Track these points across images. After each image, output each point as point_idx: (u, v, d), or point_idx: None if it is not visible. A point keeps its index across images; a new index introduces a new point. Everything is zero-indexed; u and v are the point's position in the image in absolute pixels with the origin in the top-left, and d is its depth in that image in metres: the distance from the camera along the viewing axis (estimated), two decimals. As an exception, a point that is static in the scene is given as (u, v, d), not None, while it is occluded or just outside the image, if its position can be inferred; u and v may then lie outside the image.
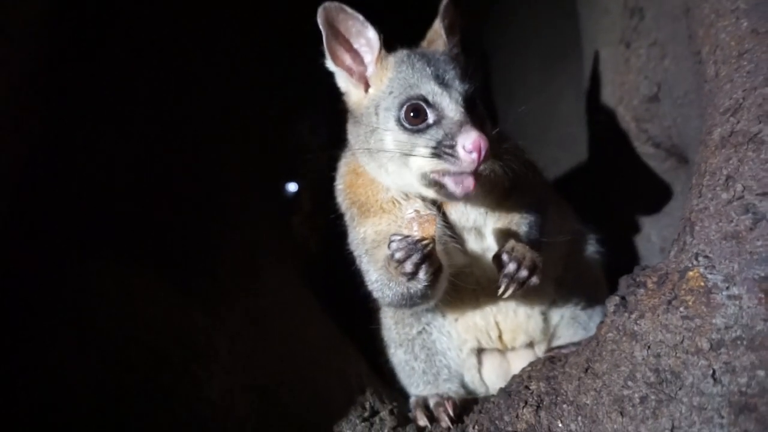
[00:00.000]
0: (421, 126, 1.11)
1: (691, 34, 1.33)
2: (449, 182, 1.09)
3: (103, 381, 1.10)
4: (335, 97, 1.34)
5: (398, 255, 1.05)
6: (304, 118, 2.56)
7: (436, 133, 1.09)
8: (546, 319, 1.38)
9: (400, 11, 1.69)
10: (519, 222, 1.28)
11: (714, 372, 0.82)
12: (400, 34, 1.28)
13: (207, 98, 1.69)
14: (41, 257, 1.23)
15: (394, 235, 1.08)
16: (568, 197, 2.48)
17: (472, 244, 1.29)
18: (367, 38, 1.21)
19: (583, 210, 1.73)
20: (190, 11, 1.66)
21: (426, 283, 1.08)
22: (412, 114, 1.12)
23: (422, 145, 1.09)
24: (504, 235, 1.26)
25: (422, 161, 1.10)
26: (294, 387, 1.23)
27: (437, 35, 1.29)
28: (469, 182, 1.07)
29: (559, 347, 1.36)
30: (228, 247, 1.49)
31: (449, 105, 1.10)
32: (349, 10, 1.16)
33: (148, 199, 1.44)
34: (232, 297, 1.37)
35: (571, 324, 1.40)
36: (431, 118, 1.11)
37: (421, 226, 1.06)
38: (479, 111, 1.17)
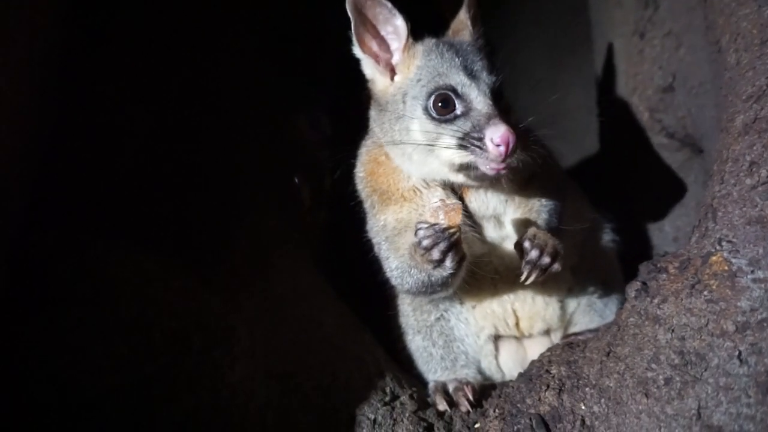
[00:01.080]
0: (449, 116, 1.12)
1: (709, 23, 1.34)
2: (481, 163, 1.09)
3: (127, 366, 1.11)
4: (338, 91, 1.34)
5: (426, 242, 1.06)
6: (304, 113, 2.56)
7: (463, 125, 1.10)
8: (563, 307, 1.39)
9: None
10: (539, 209, 1.29)
11: (740, 353, 0.83)
12: (425, 23, 1.29)
13: (215, 92, 1.70)
14: (64, 246, 1.24)
15: (421, 222, 1.10)
16: (584, 168, 2.50)
17: (491, 232, 1.30)
18: (394, 26, 1.21)
19: (595, 191, 1.75)
20: (191, 4, 1.66)
21: (451, 271, 1.09)
22: (440, 104, 1.13)
23: (449, 135, 1.10)
24: (523, 223, 1.27)
25: (449, 152, 1.11)
26: (313, 372, 1.23)
27: (463, 25, 1.30)
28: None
29: (576, 334, 1.37)
30: (243, 235, 1.50)
31: (477, 97, 1.11)
32: None
33: (166, 190, 1.45)
34: (249, 284, 1.38)
35: (587, 311, 1.41)
36: (459, 109, 1.12)
37: (447, 215, 1.07)
38: (505, 103, 1.18)
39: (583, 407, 1.00)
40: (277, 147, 1.99)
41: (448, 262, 1.07)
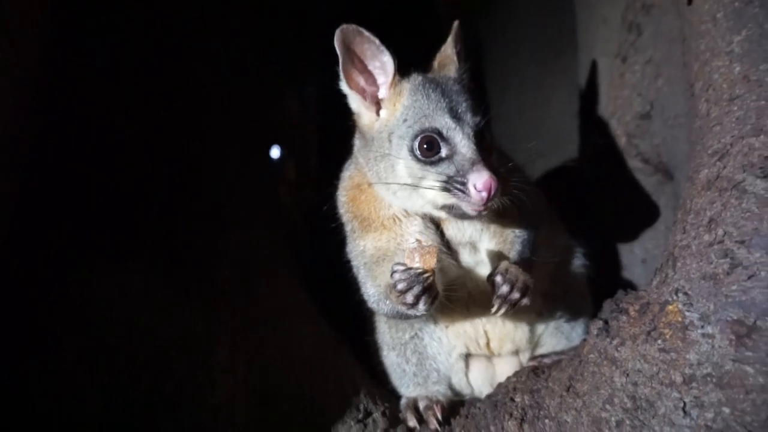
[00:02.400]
0: (433, 159, 1.15)
1: (686, 63, 1.38)
2: (463, 206, 1.14)
3: (108, 389, 1.15)
4: (326, 69, 1.32)
5: (400, 286, 1.11)
6: (292, 88, 2.56)
7: (447, 168, 1.14)
8: (531, 330, 1.45)
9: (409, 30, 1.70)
10: (513, 240, 1.34)
11: (685, 405, 0.90)
12: (409, 49, 1.30)
13: (203, 94, 1.69)
14: (44, 261, 1.26)
15: (397, 264, 1.14)
16: (554, 193, 2.54)
17: (467, 257, 1.35)
18: (382, 62, 1.23)
19: (568, 207, 1.81)
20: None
21: (424, 312, 1.14)
22: (425, 146, 1.16)
23: (433, 178, 1.14)
24: (497, 254, 1.32)
25: (433, 193, 1.15)
26: (292, 392, 1.29)
27: (449, 60, 1.32)
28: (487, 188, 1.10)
29: (542, 356, 1.44)
30: (228, 252, 1.52)
31: (462, 141, 1.15)
32: (366, 33, 1.19)
33: (150, 206, 1.46)
34: (231, 302, 1.42)
35: (554, 334, 1.48)
36: (444, 152, 1.15)
37: (423, 258, 1.11)
38: (488, 143, 1.21)
39: None
40: (264, 130, 1.99)
41: (421, 305, 1.12)
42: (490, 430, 1.14)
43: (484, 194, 1.07)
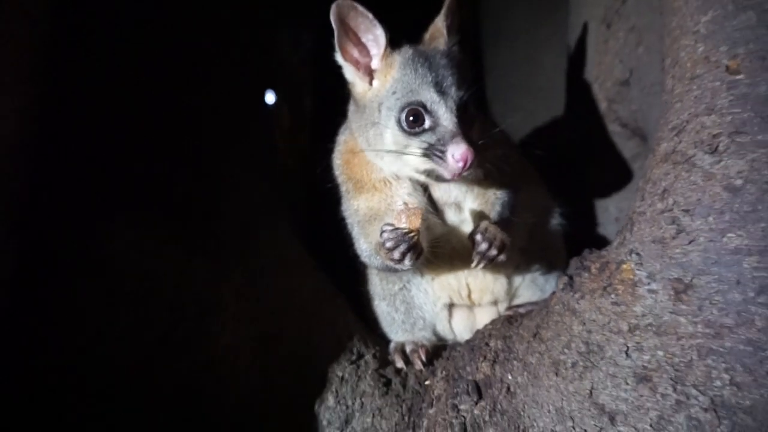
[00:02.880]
0: (417, 129, 1.26)
1: (661, 37, 1.46)
2: (441, 171, 1.26)
3: (129, 334, 1.30)
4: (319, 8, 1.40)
5: (389, 244, 1.24)
6: (286, 30, 2.60)
7: (429, 137, 1.25)
8: (509, 282, 1.61)
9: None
10: (494, 202, 1.47)
11: (628, 349, 1.06)
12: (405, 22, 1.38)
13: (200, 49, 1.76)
14: (69, 226, 1.39)
15: (386, 225, 1.27)
16: (540, 148, 2.66)
17: (452, 216, 1.48)
18: (375, 34, 1.32)
19: (550, 166, 1.93)
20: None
21: (409, 267, 1.28)
22: (411, 119, 1.27)
23: (416, 146, 1.26)
24: (479, 213, 1.46)
25: (415, 159, 1.26)
26: (291, 336, 1.45)
27: (439, 33, 1.40)
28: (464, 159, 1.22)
29: (518, 306, 1.60)
30: (231, 209, 1.65)
31: (444, 114, 1.25)
32: (359, 7, 1.27)
33: (159, 169, 1.57)
34: (236, 255, 1.55)
35: (530, 286, 1.64)
36: (428, 123, 1.26)
37: (409, 219, 1.24)
38: (470, 115, 1.32)
39: (510, 377, 1.24)
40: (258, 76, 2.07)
41: (407, 261, 1.26)
42: (467, 370, 1.31)
43: (461, 164, 1.19)
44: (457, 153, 1.20)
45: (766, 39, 1.12)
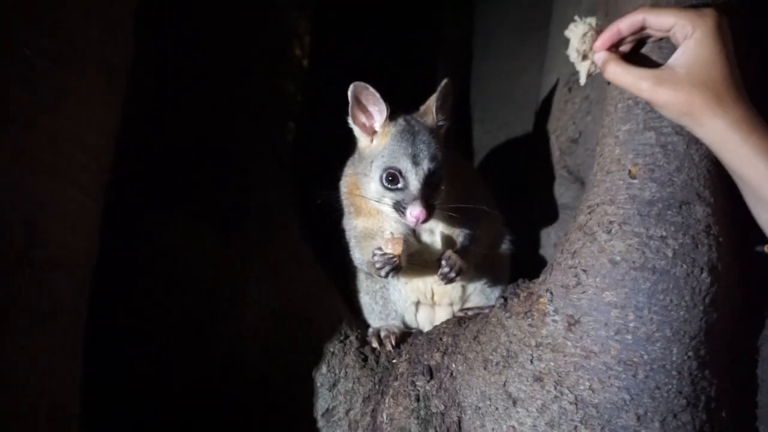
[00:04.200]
0: (392, 187, 1.71)
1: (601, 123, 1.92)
2: (404, 220, 1.72)
3: (180, 308, 1.74)
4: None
5: (377, 264, 1.72)
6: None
7: (399, 195, 1.70)
8: (464, 290, 2.11)
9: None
10: (458, 234, 1.95)
11: (532, 358, 1.57)
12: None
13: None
14: (134, 217, 1.81)
15: (376, 249, 1.74)
16: (511, 159, 3.16)
17: (426, 237, 1.96)
18: (380, 108, 1.75)
19: (511, 190, 2.41)
20: None
21: (392, 280, 1.77)
22: (390, 178, 1.71)
23: (389, 198, 1.71)
24: (447, 238, 1.94)
25: (388, 208, 1.73)
26: (297, 317, 1.92)
27: (430, 110, 1.82)
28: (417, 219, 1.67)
29: (468, 308, 2.11)
30: (253, 208, 2.08)
31: (413, 181, 1.69)
32: (371, 88, 1.69)
33: (200, 173, 1.99)
34: (258, 248, 1.99)
35: (479, 294, 2.14)
36: (401, 184, 1.70)
37: (393, 246, 1.71)
38: (436, 179, 1.70)
39: (453, 366, 1.75)
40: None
41: (390, 277, 1.74)
42: (424, 357, 1.83)
43: (414, 220, 1.65)
44: (414, 213, 1.65)
45: (657, 155, 1.59)
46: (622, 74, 1.53)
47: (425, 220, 1.66)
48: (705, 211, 1.53)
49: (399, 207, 1.69)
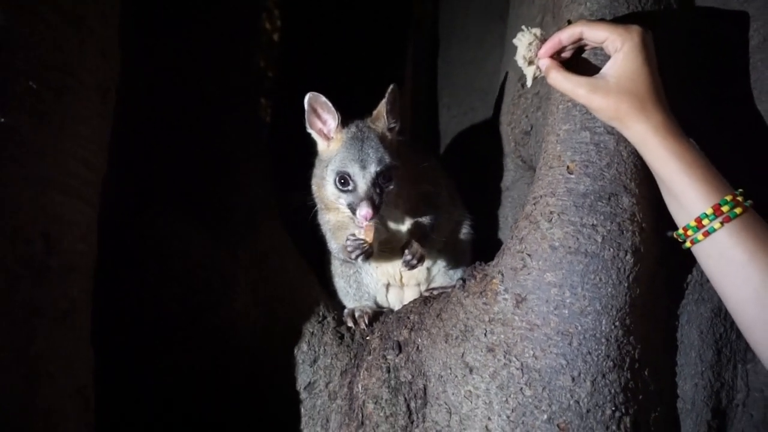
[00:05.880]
0: (344, 189, 1.92)
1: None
2: (355, 218, 1.94)
3: (174, 299, 1.95)
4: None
5: (350, 249, 1.94)
6: None
7: (350, 197, 1.91)
8: (429, 272, 2.35)
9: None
10: (421, 223, 2.19)
11: (486, 331, 1.82)
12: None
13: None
14: (130, 214, 1.99)
15: (350, 235, 1.96)
16: (474, 144, 3.38)
17: (393, 225, 2.19)
18: (333, 116, 1.95)
19: (472, 177, 2.64)
20: None
21: (364, 263, 1.99)
22: (341, 181, 1.92)
23: (343, 200, 1.93)
24: (411, 227, 2.17)
25: (342, 207, 1.95)
26: (282, 302, 2.13)
27: (380, 115, 2.02)
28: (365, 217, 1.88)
29: (433, 288, 2.35)
30: (240, 202, 2.27)
31: (361, 183, 1.90)
32: (322, 98, 1.91)
33: (188, 170, 2.17)
34: (244, 242, 2.19)
35: (443, 275, 2.38)
36: (351, 186, 1.91)
37: (365, 233, 1.93)
38: (384, 179, 1.87)
39: (419, 340, 1.99)
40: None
41: (361, 261, 1.96)
42: (394, 333, 2.06)
43: (363, 220, 1.87)
44: (362, 212, 1.86)
45: (591, 153, 1.82)
46: (562, 81, 1.75)
47: (372, 217, 1.87)
48: (630, 201, 1.77)
49: (351, 207, 1.91)
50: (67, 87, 1.35)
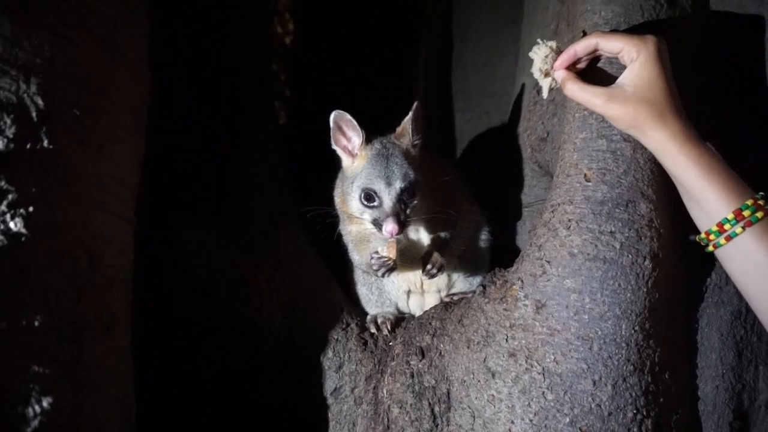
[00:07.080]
0: (369, 205, 1.96)
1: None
2: (380, 234, 1.97)
3: (201, 308, 2.02)
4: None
5: (374, 265, 1.99)
6: None
7: (375, 213, 1.94)
8: (449, 278, 2.40)
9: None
10: (440, 233, 2.23)
11: (507, 337, 1.87)
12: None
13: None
14: (160, 227, 2.06)
15: (374, 252, 2.01)
16: (490, 148, 3.40)
17: (413, 235, 2.24)
18: (357, 133, 2.00)
19: (490, 182, 2.67)
20: None
21: (387, 278, 2.04)
22: (366, 197, 1.96)
23: (368, 215, 1.97)
24: (431, 237, 2.22)
25: (367, 223, 1.99)
26: (304, 309, 2.18)
27: (405, 131, 2.07)
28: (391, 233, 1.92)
29: (454, 294, 2.39)
30: (261, 214, 2.33)
31: (386, 200, 1.93)
32: (347, 116, 1.95)
33: (213, 183, 2.24)
34: (265, 250, 2.24)
35: (463, 281, 2.43)
36: (376, 202, 1.95)
37: (388, 249, 1.98)
38: (408, 194, 1.88)
39: (441, 345, 2.04)
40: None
41: (385, 277, 2.02)
42: (417, 339, 2.11)
43: (389, 235, 1.90)
44: (388, 228, 1.90)
45: (608, 160, 1.86)
46: (578, 92, 1.78)
47: (399, 233, 1.92)
48: (648, 207, 1.81)
49: (376, 222, 1.95)
50: (103, 109, 1.42)
